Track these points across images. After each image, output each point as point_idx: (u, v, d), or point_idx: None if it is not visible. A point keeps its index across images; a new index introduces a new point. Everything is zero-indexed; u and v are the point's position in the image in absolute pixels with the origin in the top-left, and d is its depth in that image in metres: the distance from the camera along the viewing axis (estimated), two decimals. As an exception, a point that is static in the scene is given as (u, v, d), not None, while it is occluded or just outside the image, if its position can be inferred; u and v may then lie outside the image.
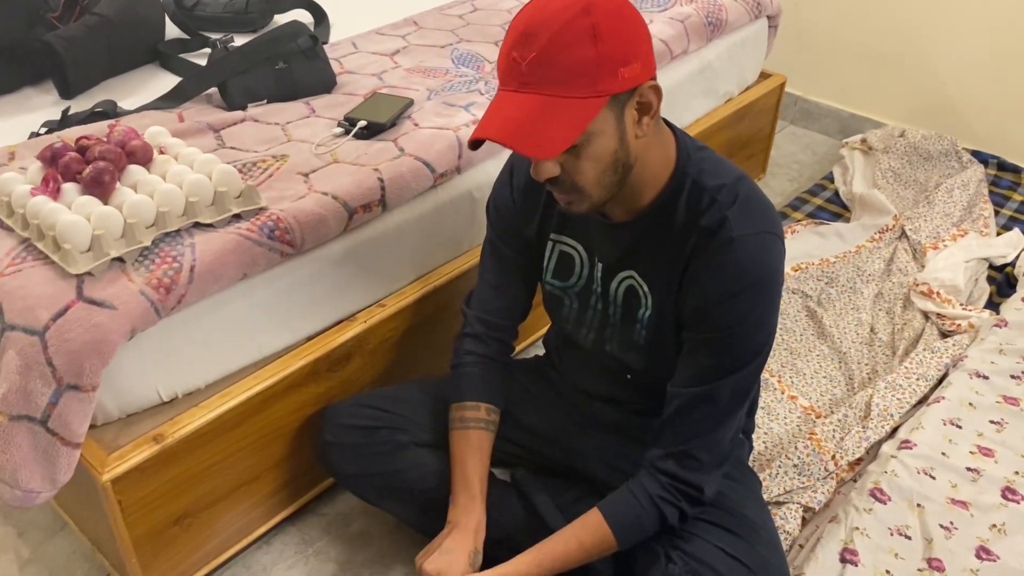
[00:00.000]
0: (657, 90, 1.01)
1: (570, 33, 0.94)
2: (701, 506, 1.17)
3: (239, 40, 1.73)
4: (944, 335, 1.89)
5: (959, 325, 1.89)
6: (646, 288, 1.16)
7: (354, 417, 1.34)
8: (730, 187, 1.09)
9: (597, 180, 1.03)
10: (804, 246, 2.21)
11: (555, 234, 1.25)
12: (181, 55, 1.86)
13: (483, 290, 1.33)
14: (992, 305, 2.02)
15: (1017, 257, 2.15)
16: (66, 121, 1.55)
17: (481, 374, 1.31)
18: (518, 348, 1.82)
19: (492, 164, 1.60)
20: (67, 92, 1.69)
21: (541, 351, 1.52)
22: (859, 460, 1.57)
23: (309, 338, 1.41)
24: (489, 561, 1.18)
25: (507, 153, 1.62)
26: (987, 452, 1.55)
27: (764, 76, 2.38)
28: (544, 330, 1.52)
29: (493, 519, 1.28)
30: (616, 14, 0.96)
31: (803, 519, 1.46)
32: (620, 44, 0.96)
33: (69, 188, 1.24)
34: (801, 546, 1.42)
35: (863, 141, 2.60)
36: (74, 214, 1.17)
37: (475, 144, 1.02)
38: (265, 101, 1.63)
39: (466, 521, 1.22)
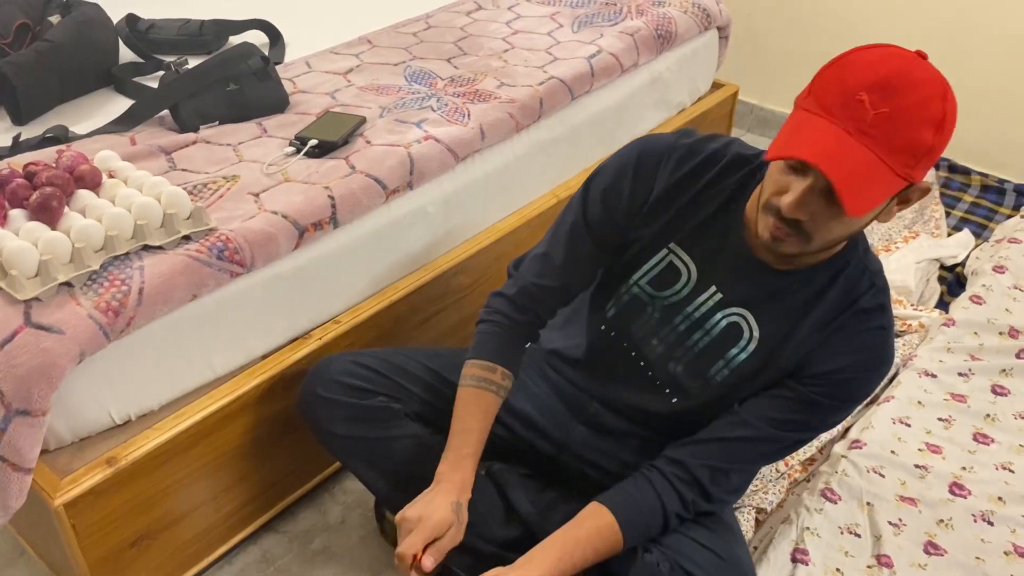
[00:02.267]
0: (924, 192, 1.03)
1: (926, 112, 0.94)
2: (706, 515, 1.22)
3: (193, 62, 1.74)
4: (895, 336, 1.93)
5: (910, 325, 1.92)
6: (757, 334, 1.17)
7: (350, 376, 1.30)
8: (883, 276, 1.16)
9: (833, 241, 1.06)
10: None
11: (675, 245, 1.21)
12: (135, 78, 1.86)
13: (542, 263, 1.28)
14: (943, 305, 2.06)
15: (967, 257, 2.20)
16: (17, 147, 1.56)
17: (504, 336, 1.27)
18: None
19: (446, 179, 1.62)
20: (19, 118, 1.69)
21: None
22: (812, 460, 1.60)
23: (263, 357, 1.42)
24: (459, 547, 1.16)
25: (467, 168, 1.64)
26: (935, 449, 1.58)
27: (717, 86, 2.43)
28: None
29: (471, 505, 1.26)
30: (954, 114, 0.97)
31: (756, 521, 1.49)
32: (945, 141, 0.97)
33: (16, 214, 1.24)
34: (755, 548, 1.45)
35: (817, 147, 2.65)
36: (21, 240, 1.17)
37: (786, 159, 0.99)
38: (217, 123, 1.64)
39: (451, 476, 1.17)
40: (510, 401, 1.34)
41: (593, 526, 1.15)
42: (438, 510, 1.13)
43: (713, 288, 1.19)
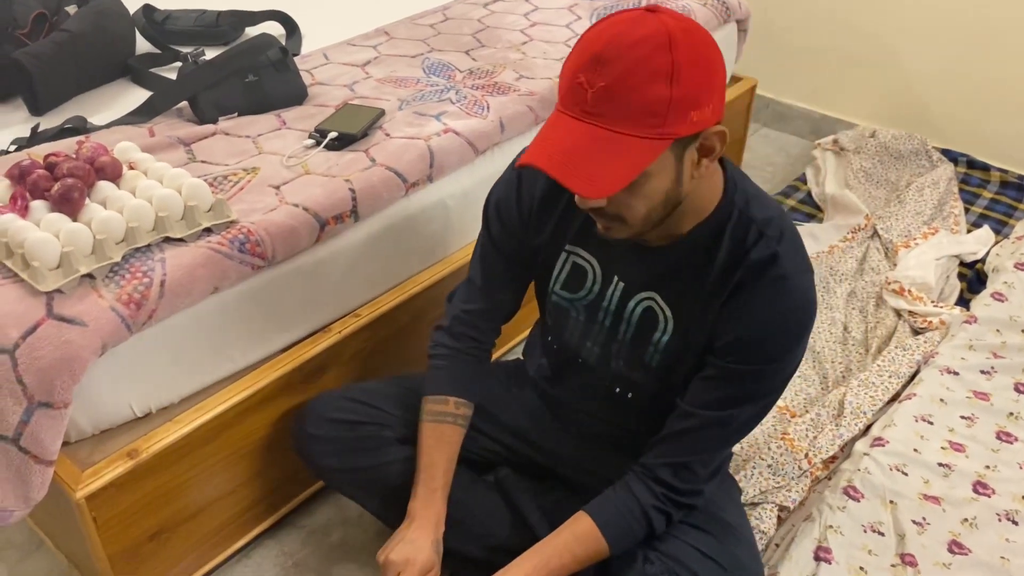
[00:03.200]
0: (722, 136, 0.97)
1: (647, 69, 0.88)
2: (690, 511, 1.18)
3: (210, 53, 1.73)
4: (916, 332, 1.91)
5: (931, 322, 1.91)
6: (668, 313, 1.14)
7: (338, 411, 1.32)
8: (776, 221, 1.07)
9: (644, 216, 1.00)
10: (778, 247, 2.23)
11: (571, 245, 1.21)
12: (152, 69, 1.86)
13: (467, 288, 1.31)
14: (963, 302, 2.05)
15: (987, 254, 2.18)
16: (36, 138, 1.55)
17: (450, 367, 1.29)
18: (501, 349, 1.83)
19: (465, 173, 1.61)
20: (37, 109, 1.69)
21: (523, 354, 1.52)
22: (833, 458, 1.59)
23: (283, 350, 1.41)
24: (464, 559, 1.18)
25: (486, 162, 1.64)
26: (958, 447, 1.57)
27: (735, 80, 2.41)
28: (525, 334, 1.52)
29: (475, 517, 1.29)
30: (697, 52, 0.90)
31: (779, 518, 1.48)
32: (696, 86, 0.90)
33: (38, 205, 1.24)
34: (777, 545, 1.44)
35: (835, 142, 2.63)
36: (43, 231, 1.17)
37: (521, 168, 0.97)
38: (236, 114, 1.63)
39: (425, 513, 1.21)
40: (499, 415, 1.37)
41: (570, 532, 1.15)
42: (422, 552, 1.17)
43: (616, 278, 1.18)
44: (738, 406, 1.11)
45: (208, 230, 1.28)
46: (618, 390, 1.25)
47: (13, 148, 1.53)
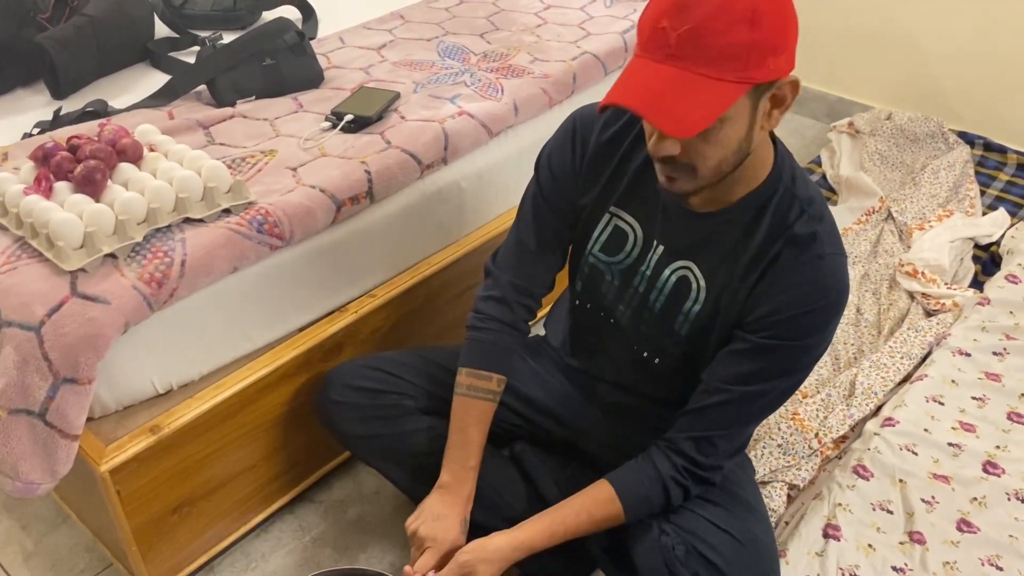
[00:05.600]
0: (796, 85, 0.98)
1: (730, 13, 0.90)
2: (709, 486, 1.19)
3: (228, 37, 1.76)
4: (929, 314, 1.92)
5: (943, 304, 1.91)
6: (702, 283, 1.15)
7: (360, 378, 1.34)
8: (818, 202, 1.09)
9: (716, 166, 1.01)
10: (791, 230, 2.23)
11: (615, 207, 1.21)
12: (171, 54, 1.88)
13: (518, 252, 1.29)
14: (977, 284, 2.05)
15: (1002, 236, 2.18)
16: (58, 121, 1.58)
17: (499, 342, 1.28)
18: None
19: (479, 155, 1.63)
20: (58, 93, 1.71)
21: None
22: (844, 437, 1.60)
23: (301, 329, 1.44)
24: (484, 530, 1.20)
25: (500, 144, 1.65)
26: (969, 428, 1.58)
27: (750, 62, 2.40)
28: (546, 309, 1.52)
29: (493, 488, 1.31)
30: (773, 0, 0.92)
31: (788, 496, 1.50)
32: (776, 32, 0.92)
33: (61, 187, 1.26)
34: (787, 523, 1.45)
35: (850, 124, 2.63)
36: (67, 212, 1.19)
37: (605, 109, 0.98)
38: (254, 97, 1.65)
39: (459, 489, 1.23)
40: (522, 389, 1.38)
41: (590, 495, 1.18)
42: (450, 531, 1.19)
43: (656, 243, 1.19)
44: (764, 382, 1.12)
45: (227, 211, 1.30)
46: (646, 354, 1.25)
47: (36, 131, 1.56)
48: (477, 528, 1.31)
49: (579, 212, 1.25)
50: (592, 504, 1.17)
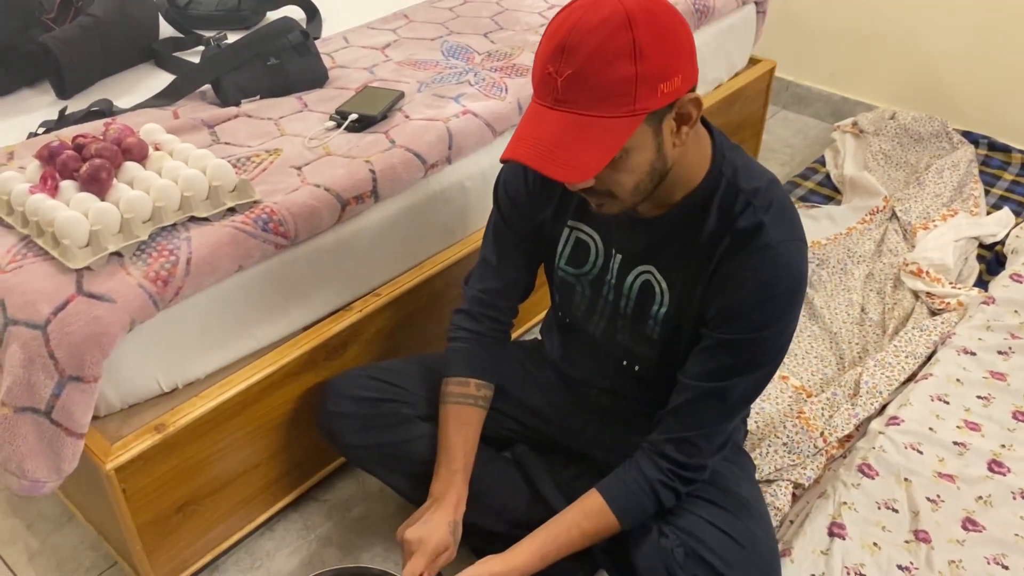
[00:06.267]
0: (697, 102, 0.99)
1: (609, 50, 0.90)
2: (696, 485, 1.20)
3: (232, 37, 1.76)
4: (933, 313, 1.91)
5: (948, 303, 1.91)
6: (664, 285, 1.16)
7: (359, 388, 1.35)
8: (764, 191, 1.08)
9: (633, 189, 1.03)
10: (796, 229, 2.23)
11: (573, 221, 1.24)
12: (175, 53, 1.89)
13: (482, 269, 1.33)
14: (982, 284, 2.04)
15: (1006, 236, 2.17)
16: (63, 121, 1.58)
17: (470, 350, 1.32)
18: (519, 330, 1.85)
19: (483, 154, 1.63)
20: (64, 92, 1.72)
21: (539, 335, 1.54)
22: (849, 436, 1.60)
23: (305, 328, 1.44)
24: (486, 534, 1.21)
25: (504, 143, 1.65)
26: (974, 427, 1.58)
27: (754, 61, 2.40)
28: (542, 315, 1.54)
29: (494, 492, 1.32)
30: (658, 26, 0.92)
31: (793, 495, 1.49)
32: (661, 59, 0.92)
33: (67, 185, 1.27)
34: (792, 522, 1.45)
35: (854, 124, 2.62)
36: (72, 210, 1.20)
37: (506, 162, 1.00)
38: (258, 97, 1.66)
39: (444, 494, 1.24)
40: (518, 394, 1.39)
41: (579, 509, 1.18)
42: (436, 532, 1.19)
43: (614, 252, 1.20)
44: (732, 377, 1.12)
45: (232, 210, 1.31)
46: (625, 363, 1.27)
47: (42, 130, 1.57)
48: (480, 532, 1.32)
49: (540, 228, 1.28)
50: (583, 518, 1.17)
